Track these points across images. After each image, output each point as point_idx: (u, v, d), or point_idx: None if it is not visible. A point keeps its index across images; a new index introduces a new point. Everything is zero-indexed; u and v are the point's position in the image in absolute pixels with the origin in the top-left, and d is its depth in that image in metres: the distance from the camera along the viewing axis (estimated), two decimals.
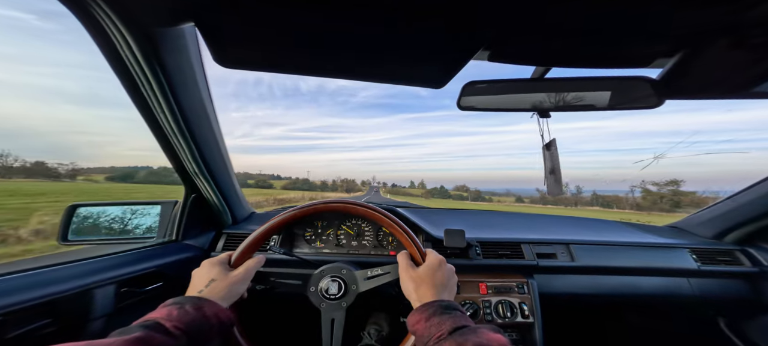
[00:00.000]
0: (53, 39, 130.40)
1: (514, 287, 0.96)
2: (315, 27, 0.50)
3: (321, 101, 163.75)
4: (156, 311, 0.49)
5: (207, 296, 0.55)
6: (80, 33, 0.55)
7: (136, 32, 0.55)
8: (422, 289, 0.59)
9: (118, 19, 0.52)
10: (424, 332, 0.50)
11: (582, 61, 0.61)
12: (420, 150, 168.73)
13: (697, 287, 1.07)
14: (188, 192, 0.96)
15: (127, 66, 0.61)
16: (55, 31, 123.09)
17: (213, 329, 0.51)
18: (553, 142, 0.70)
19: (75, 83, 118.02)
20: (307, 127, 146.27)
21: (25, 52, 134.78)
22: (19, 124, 69.91)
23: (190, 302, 0.51)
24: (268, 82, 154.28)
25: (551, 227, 1.28)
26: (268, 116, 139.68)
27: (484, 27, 0.50)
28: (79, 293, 0.66)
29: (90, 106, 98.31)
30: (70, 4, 0.51)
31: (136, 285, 0.77)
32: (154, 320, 0.45)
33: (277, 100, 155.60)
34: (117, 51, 0.58)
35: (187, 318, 0.47)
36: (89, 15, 0.52)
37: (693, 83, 0.57)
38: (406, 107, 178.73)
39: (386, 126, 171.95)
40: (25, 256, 0.89)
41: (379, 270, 0.71)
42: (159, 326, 0.44)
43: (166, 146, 0.81)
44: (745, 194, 1.08)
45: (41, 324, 0.59)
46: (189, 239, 0.98)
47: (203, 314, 0.50)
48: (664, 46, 0.53)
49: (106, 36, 0.55)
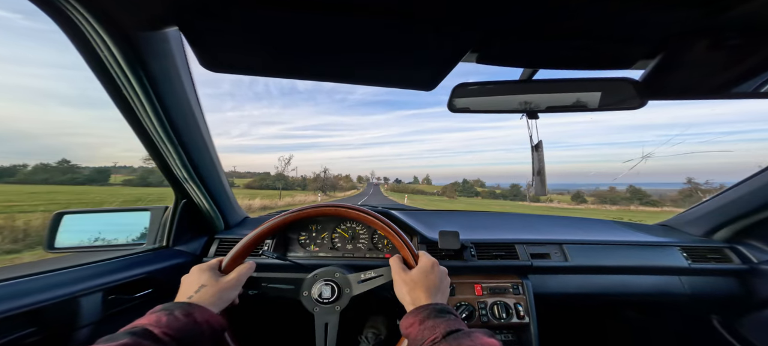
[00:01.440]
0: (45, 39, 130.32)
1: (509, 288, 0.96)
2: (301, 31, 0.50)
3: (318, 99, 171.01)
4: (144, 317, 0.48)
5: (197, 302, 0.54)
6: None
7: (117, 37, 0.54)
8: (415, 292, 0.59)
9: (97, 24, 0.51)
10: (418, 336, 0.50)
11: (568, 62, 0.63)
12: (419, 146, 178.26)
13: (689, 285, 1.08)
14: (178, 198, 0.96)
15: (110, 71, 0.60)
16: (46, 30, 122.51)
17: (204, 335, 0.50)
18: (540, 144, 0.71)
19: (67, 84, 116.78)
20: (305, 125, 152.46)
21: (13, 52, 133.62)
22: (8, 126, 66.91)
23: (180, 307, 0.50)
24: (264, 80, 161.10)
25: (544, 227, 1.29)
26: (265, 115, 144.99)
27: (471, 29, 0.51)
28: (66, 301, 0.65)
29: (83, 108, 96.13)
30: (43, 6, 0.49)
31: (124, 292, 0.76)
32: (141, 326, 0.45)
33: (273, 99, 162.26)
34: (98, 56, 0.57)
35: (176, 324, 0.47)
36: (67, 18, 0.51)
37: (674, 84, 0.58)
38: (403, 104, 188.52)
39: (385, 123, 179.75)
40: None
41: (373, 273, 0.70)
42: (147, 332, 0.44)
43: (153, 151, 0.80)
44: (732, 191, 1.10)
45: (25, 333, 0.58)
46: (180, 245, 0.97)
47: (194, 320, 0.49)
48: (644, 48, 0.54)
49: (86, 41, 0.55)
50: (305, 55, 0.57)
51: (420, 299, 0.57)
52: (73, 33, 0.54)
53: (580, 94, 0.64)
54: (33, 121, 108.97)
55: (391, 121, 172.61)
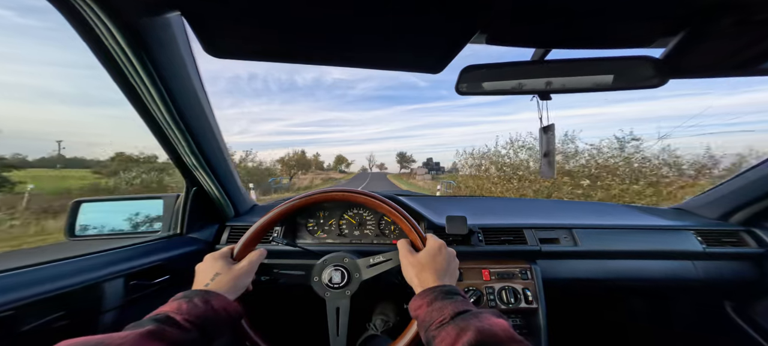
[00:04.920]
0: (41, 36, 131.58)
1: (517, 273, 0.96)
2: (306, 13, 0.49)
3: (318, 95, 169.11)
4: (166, 304, 0.50)
5: (213, 289, 0.55)
6: (67, 29, 0.55)
7: (120, 23, 0.54)
8: (423, 274, 0.59)
9: (100, 10, 0.51)
10: (426, 318, 0.50)
11: (583, 42, 0.60)
12: (421, 142, 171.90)
13: (703, 270, 1.06)
14: (189, 186, 0.97)
15: (116, 59, 0.60)
16: (40, 27, 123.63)
17: (222, 321, 0.51)
18: (551, 127, 0.69)
19: (65, 82, 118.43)
20: (305, 121, 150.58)
21: (11, 51, 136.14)
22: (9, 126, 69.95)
23: (199, 295, 0.51)
24: (263, 76, 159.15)
25: (554, 211, 1.27)
26: (265, 112, 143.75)
27: (482, 9, 0.49)
28: (90, 286, 0.67)
29: (82, 105, 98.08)
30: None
31: (144, 278, 0.79)
32: (164, 313, 0.46)
33: (273, 95, 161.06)
34: (103, 44, 0.57)
35: (196, 311, 0.48)
36: (71, 8, 0.51)
37: (697, 62, 0.56)
38: (404, 99, 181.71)
39: (385, 118, 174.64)
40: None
41: (381, 257, 0.71)
42: (170, 319, 0.45)
43: (163, 140, 0.81)
44: (751, 173, 1.06)
45: (54, 317, 0.61)
46: (193, 233, 0.99)
47: (211, 307, 0.51)
48: (666, 25, 0.51)
49: (91, 29, 0.55)
50: (309, 39, 0.56)
51: (428, 281, 0.57)
52: (78, 23, 0.54)
53: (596, 75, 0.61)
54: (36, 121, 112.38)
55: (391, 116, 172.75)
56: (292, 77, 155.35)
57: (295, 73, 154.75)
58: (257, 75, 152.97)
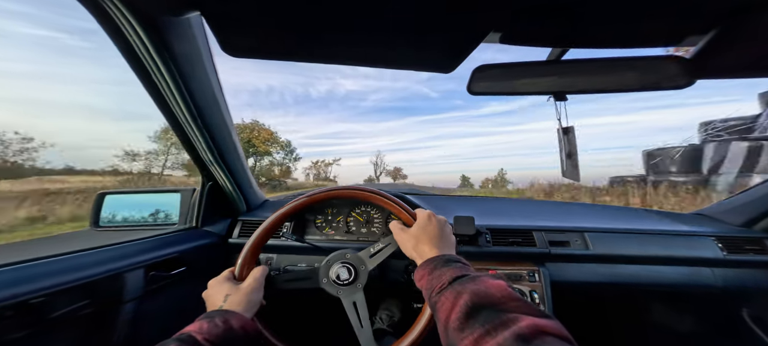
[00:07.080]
0: (89, 56, 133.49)
1: (524, 275, 0.95)
2: (321, 12, 0.49)
3: (331, 107, 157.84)
4: (190, 325, 0.51)
5: (228, 308, 0.57)
6: (109, 48, 0.59)
7: (143, 21, 0.56)
8: (419, 246, 0.61)
9: (124, 8, 0.54)
10: (428, 286, 0.52)
11: (603, 41, 0.58)
12: (432, 153, 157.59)
13: (721, 277, 1.02)
14: (205, 181, 1.00)
15: (139, 56, 0.62)
16: (89, 48, 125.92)
17: (240, 340, 0.53)
18: (571, 129, 0.67)
19: (105, 99, 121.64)
20: (318, 133, 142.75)
21: (64, 70, 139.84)
22: (62, 139, 74.71)
23: (219, 315, 0.53)
24: (280, 90, 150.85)
25: (564, 214, 1.25)
26: (281, 124, 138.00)
27: (496, 7, 0.48)
28: (113, 276, 0.70)
29: (119, 121, 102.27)
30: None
31: (162, 269, 0.82)
32: (187, 333, 0.48)
33: (288, 107, 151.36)
34: (128, 42, 0.60)
35: (216, 331, 0.50)
36: (99, 7, 0.54)
37: (728, 61, 0.53)
38: (416, 110, 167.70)
39: (397, 130, 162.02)
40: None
41: (380, 244, 0.73)
42: (192, 338, 0.47)
43: (182, 136, 0.84)
44: None
45: (81, 305, 0.64)
46: (208, 226, 1.03)
47: (230, 326, 0.52)
48: (696, 23, 0.49)
49: (117, 27, 0.57)
50: (323, 38, 0.56)
51: (425, 252, 0.59)
52: (106, 21, 0.57)
53: (617, 75, 0.59)
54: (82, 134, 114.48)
55: (403, 128, 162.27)
56: (307, 89, 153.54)
57: (309, 86, 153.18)
58: (275, 88, 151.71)
